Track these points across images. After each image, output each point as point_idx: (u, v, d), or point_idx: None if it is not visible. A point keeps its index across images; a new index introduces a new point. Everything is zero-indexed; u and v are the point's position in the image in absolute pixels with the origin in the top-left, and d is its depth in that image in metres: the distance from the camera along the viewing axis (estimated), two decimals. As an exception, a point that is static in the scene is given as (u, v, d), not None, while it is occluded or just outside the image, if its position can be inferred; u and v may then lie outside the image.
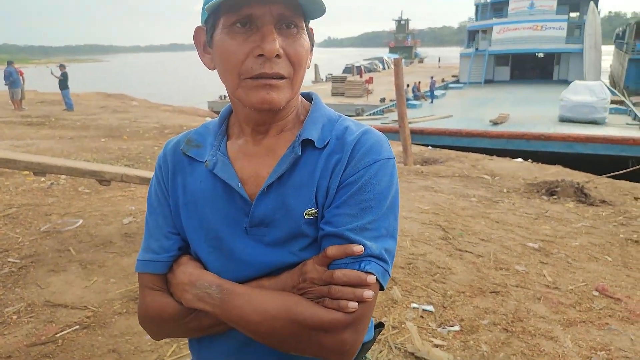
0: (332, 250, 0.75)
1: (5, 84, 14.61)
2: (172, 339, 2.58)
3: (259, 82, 0.75)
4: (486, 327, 2.71)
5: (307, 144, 0.82)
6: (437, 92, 22.31)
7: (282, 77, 0.75)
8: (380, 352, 2.48)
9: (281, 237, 0.80)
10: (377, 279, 0.76)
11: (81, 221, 4.44)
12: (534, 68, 31.35)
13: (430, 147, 10.89)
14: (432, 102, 21.12)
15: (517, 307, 2.93)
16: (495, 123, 14.54)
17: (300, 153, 0.80)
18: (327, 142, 0.82)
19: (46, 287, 3.17)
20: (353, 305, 0.73)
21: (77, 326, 2.72)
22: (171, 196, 0.88)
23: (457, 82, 30.48)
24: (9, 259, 3.59)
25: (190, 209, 0.85)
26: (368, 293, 0.74)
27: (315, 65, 37.75)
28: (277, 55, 0.74)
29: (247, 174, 0.83)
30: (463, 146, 11.97)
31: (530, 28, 29.36)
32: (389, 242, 0.79)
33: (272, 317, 0.74)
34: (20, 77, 14.72)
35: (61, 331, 2.67)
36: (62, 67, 15.31)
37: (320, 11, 0.77)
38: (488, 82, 29.27)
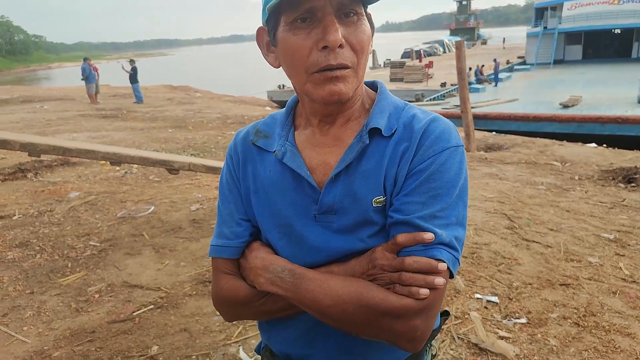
0: (402, 237, 0.76)
1: (81, 79, 15.66)
2: (240, 321, 2.70)
3: (326, 75, 0.75)
4: (555, 320, 2.60)
5: (374, 132, 0.82)
6: (501, 75, 21.34)
7: (346, 67, 0.76)
8: (443, 341, 2.46)
9: (349, 224, 0.82)
10: (447, 267, 0.76)
11: (153, 208, 4.71)
12: (609, 46, 29.06)
13: (494, 133, 10.48)
14: (496, 85, 20.24)
15: (590, 301, 2.79)
16: (565, 106, 13.71)
17: (367, 142, 0.81)
18: (395, 130, 0.82)
19: (124, 269, 3.41)
20: (424, 292, 0.73)
21: (152, 306, 2.91)
22: (242, 184, 0.91)
23: (524, 63, 28.95)
24: (90, 242, 3.89)
25: (260, 197, 0.88)
26: (439, 280, 0.74)
27: (373, 51, 37.21)
28: (340, 45, 0.74)
29: (315, 163, 0.85)
30: (530, 131, 11.40)
31: (606, 2, 27.19)
32: (458, 230, 0.79)
33: (343, 301, 0.76)
34: (95, 73, 15.70)
35: (137, 310, 2.86)
36: (131, 62, 16.17)
37: None
38: (557, 62, 27.55)
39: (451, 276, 0.78)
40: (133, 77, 15.81)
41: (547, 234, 3.85)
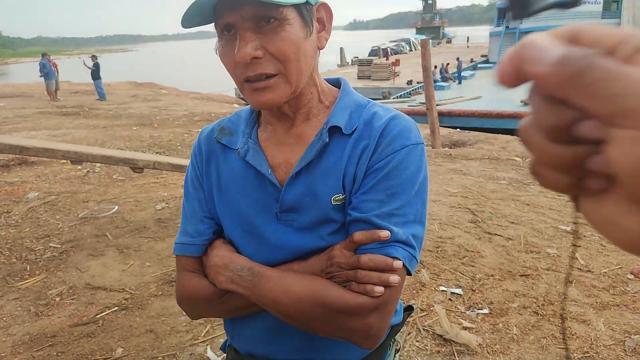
0: (358, 235, 0.76)
1: (40, 76, 15.08)
2: (206, 320, 2.68)
3: (251, 86, 0.76)
4: (516, 310, 2.70)
5: (334, 130, 0.83)
6: (465, 73, 21.83)
7: (270, 76, 0.75)
8: (409, 334, 2.51)
9: (310, 222, 0.82)
10: (403, 264, 0.76)
11: (117, 207, 4.60)
12: (568, 45, 30.13)
13: (458, 130, 10.72)
14: (459, 83, 20.68)
15: (548, 291, 2.90)
16: (527, 103, 14.09)
17: (327, 140, 0.81)
18: (355, 128, 0.83)
19: (86, 271, 3.32)
20: (379, 289, 0.74)
21: (116, 307, 2.85)
22: (205, 182, 0.91)
23: (487, 62, 29.69)
24: (50, 244, 3.77)
25: (223, 195, 0.89)
26: (394, 278, 0.75)
27: (341, 49, 37.37)
28: (257, 57, 0.73)
29: (277, 161, 0.85)
30: (493, 128, 11.70)
31: (565, 3, 28.18)
32: (416, 228, 0.80)
33: (300, 300, 0.77)
34: (54, 69, 15.15)
35: (101, 312, 2.80)
36: (94, 57, 15.68)
37: None
38: (519, 61, 28.36)
39: (408, 273, 0.79)
40: (95, 73, 15.33)
41: (508, 227, 3.97)
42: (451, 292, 2.90)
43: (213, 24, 0.77)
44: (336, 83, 0.93)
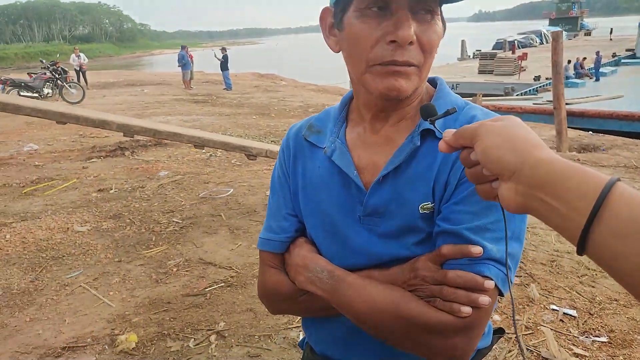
0: (447, 248, 0.71)
1: (178, 66, 16.72)
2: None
3: (389, 69, 0.71)
4: (642, 343, 2.37)
5: (427, 134, 0.78)
6: (605, 69, 19.49)
7: (412, 65, 0.72)
8: (510, 351, 2.34)
9: (394, 229, 0.79)
10: (495, 285, 0.70)
11: (232, 190, 4.95)
12: None
13: (591, 132, 9.64)
14: (597, 80, 18.51)
15: (687, 326, 2.50)
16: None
17: (419, 144, 0.77)
18: None
19: (200, 247, 3.63)
20: (466, 310, 0.68)
21: (223, 284, 3.07)
22: (292, 179, 0.91)
23: (633, 57, 26.14)
24: (173, 219, 4.18)
25: (308, 193, 0.87)
26: (484, 299, 0.69)
27: (462, 41, 35.67)
28: (410, 43, 0.70)
29: (364, 163, 0.82)
30: (635, 132, 10.32)
31: None
32: (512, 246, 0.73)
33: (379, 310, 0.74)
34: (191, 60, 16.67)
35: (209, 286, 3.04)
36: (223, 49, 16.94)
37: None
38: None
39: (501, 294, 0.73)
40: (224, 64, 16.56)
41: (643, 247, 3.49)
42: (564, 313, 2.64)
43: None
44: (432, 82, 0.87)
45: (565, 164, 0.50)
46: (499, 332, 0.96)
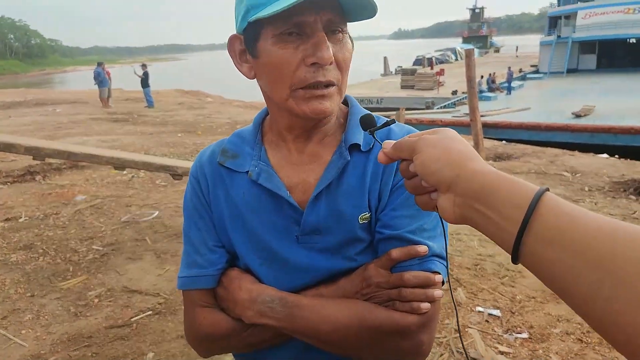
0: (396, 252, 0.75)
1: (94, 84, 15.87)
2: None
3: (312, 93, 0.73)
4: (558, 336, 2.54)
5: (353, 148, 0.80)
6: (514, 84, 21.19)
7: (333, 84, 0.75)
8: (441, 355, 2.41)
9: (335, 244, 0.79)
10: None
11: (157, 212, 4.72)
12: (624, 55, 28.71)
13: (504, 142, 10.39)
14: (509, 93, 20.06)
15: (595, 317, 2.72)
16: (578, 116, 13.55)
17: (349, 158, 0.79)
18: (373, 145, 0.81)
19: (124, 274, 3.42)
20: (425, 305, 0.74)
21: (150, 312, 2.90)
22: (213, 209, 0.86)
23: (537, 72, 28.72)
24: (93, 246, 3.91)
25: (236, 222, 0.84)
26: (438, 292, 0.75)
27: (385, 58, 37.22)
28: (330, 62, 0.72)
29: (293, 182, 0.81)
30: (541, 141, 11.26)
31: (621, 12, 26.88)
32: (442, 241, 0.79)
33: (344, 326, 0.74)
34: (108, 77, 15.90)
35: (136, 316, 2.86)
36: (143, 66, 16.34)
37: (368, 14, 0.74)
38: (571, 71, 27.28)
39: (442, 283, 0.79)
40: (144, 81, 15.97)
41: (554, 247, 3.78)
42: (489, 314, 2.78)
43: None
44: (343, 100, 0.89)
45: (498, 175, 0.52)
46: None
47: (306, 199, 0.79)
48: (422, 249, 0.74)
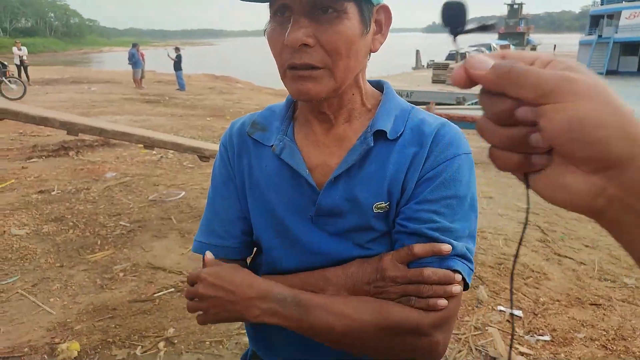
0: (419, 248, 0.72)
1: (128, 64, 16.16)
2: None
3: (294, 73, 0.72)
4: (581, 341, 2.48)
5: (379, 135, 0.78)
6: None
7: (315, 67, 0.70)
8: (459, 352, 2.39)
9: (348, 229, 0.78)
10: (462, 278, 0.74)
11: (184, 193, 4.80)
12: (668, 58, 27.53)
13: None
14: None
15: (621, 324, 2.64)
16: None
17: (372, 144, 0.77)
18: (401, 134, 0.78)
19: (149, 251, 3.49)
20: (443, 302, 0.71)
21: (172, 289, 2.96)
22: (237, 177, 0.86)
23: (574, 72, 27.78)
24: (120, 222, 4.00)
25: (255, 193, 0.84)
26: (457, 288, 0.72)
27: (417, 51, 36.68)
28: (306, 45, 0.69)
29: (314, 162, 0.81)
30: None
31: (668, 12, 25.76)
32: (469, 243, 0.76)
33: (360, 326, 0.72)
34: (142, 59, 16.15)
35: (159, 292, 2.92)
36: (177, 49, 16.53)
37: None
38: (611, 73, 26.31)
39: (466, 288, 0.76)
40: (177, 64, 16.16)
41: (582, 250, 3.68)
42: (510, 314, 2.73)
43: (268, 3, 0.73)
44: (378, 85, 0.87)
45: None
46: None
47: (324, 181, 0.79)
48: (446, 247, 0.72)
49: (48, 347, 2.38)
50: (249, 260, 0.92)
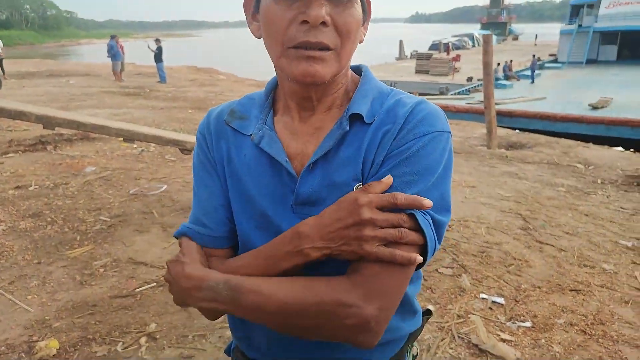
0: (402, 197, 0.68)
1: (107, 57, 15.85)
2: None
3: (302, 53, 0.70)
4: (561, 326, 2.52)
5: (355, 118, 0.77)
6: (529, 72, 20.79)
7: (327, 48, 0.70)
8: (442, 339, 2.40)
9: None
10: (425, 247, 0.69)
11: (165, 187, 4.74)
12: (647, 47, 27.97)
13: (517, 131, 10.24)
14: (532, 82, 19.62)
15: (600, 309, 2.69)
16: (595, 107, 13.29)
17: (348, 128, 0.76)
18: (377, 117, 0.77)
19: (130, 245, 3.44)
20: (420, 258, 0.68)
21: (154, 283, 2.92)
22: (218, 163, 0.85)
23: (555, 61, 28.14)
24: (100, 217, 3.93)
25: (234, 182, 0.83)
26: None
27: (400, 42, 36.69)
28: (323, 23, 0.68)
29: (293, 151, 0.79)
30: (556, 131, 11.08)
31: (646, 2, 26.13)
32: (445, 215, 0.74)
33: (287, 305, 0.69)
34: (121, 51, 15.85)
35: (140, 287, 2.88)
36: (157, 41, 16.26)
37: None
38: (591, 62, 26.68)
39: (422, 264, 0.71)
40: (158, 56, 15.90)
41: (562, 237, 3.73)
42: (492, 301, 2.76)
43: None
44: (357, 70, 0.86)
45: None
46: (427, 313, 0.96)
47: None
48: (428, 202, 0.68)
49: (26, 346, 2.33)
50: None
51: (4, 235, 3.54)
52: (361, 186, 0.74)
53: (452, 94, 17.57)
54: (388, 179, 0.70)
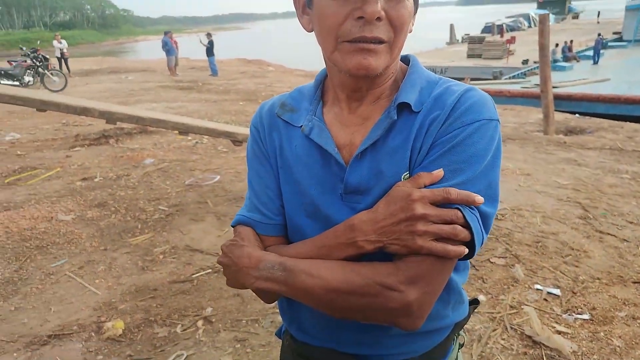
0: (455, 193, 0.68)
1: (162, 52, 16.44)
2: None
3: (357, 46, 0.71)
4: (622, 319, 2.41)
5: (403, 107, 0.77)
6: (589, 52, 19.55)
7: (381, 42, 0.71)
8: (494, 330, 2.37)
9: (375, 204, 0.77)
10: (471, 233, 0.69)
11: (218, 177, 4.91)
12: None
13: (577, 115, 9.71)
14: (596, 63, 18.47)
15: (667, 303, 2.55)
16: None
17: (395, 117, 0.77)
18: (425, 105, 0.77)
19: (187, 234, 3.61)
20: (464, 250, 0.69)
21: (210, 270, 3.06)
22: (271, 155, 0.88)
23: (620, 40, 26.28)
24: (159, 207, 4.14)
25: (286, 173, 0.86)
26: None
27: (451, 25, 35.54)
28: (378, 18, 0.70)
29: (342, 142, 0.81)
30: (620, 114, 10.40)
31: None
32: (493, 205, 0.73)
33: (334, 288, 0.72)
34: (175, 46, 16.39)
35: (197, 273, 3.03)
36: (208, 35, 16.67)
37: None
38: (661, 39, 24.73)
39: (469, 256, 0.71)
40: (209, 50, 16.33)
41: (625, 227, 3.54)
42: (547, 292, 2.68)
43: None
44: (404, 60, 0.86)
45: None
46: (474, 302, 0.96)
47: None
48: (479, 198, 0.69)
49: (95, 326, 2.52)
50: None
51: (73, 224, 3.81)
52: (408, 176, 0.75)
53: (506, 78, 16.86)
54: (439, 172, 0.71)
